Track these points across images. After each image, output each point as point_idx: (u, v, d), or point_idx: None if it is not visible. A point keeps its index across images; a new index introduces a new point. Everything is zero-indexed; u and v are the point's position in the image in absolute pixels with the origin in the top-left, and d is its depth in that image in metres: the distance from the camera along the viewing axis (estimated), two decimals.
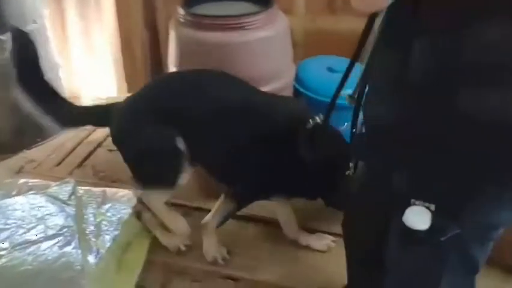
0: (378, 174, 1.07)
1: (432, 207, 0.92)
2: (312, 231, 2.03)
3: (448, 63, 0.85)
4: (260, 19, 1.89)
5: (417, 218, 0.92)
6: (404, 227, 0.93)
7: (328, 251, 1.97)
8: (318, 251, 1.97)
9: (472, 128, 0.85)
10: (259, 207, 2.00)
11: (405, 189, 0.96)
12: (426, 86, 0.89)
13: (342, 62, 2.40)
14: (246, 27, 1.87)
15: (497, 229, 1.01)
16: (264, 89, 1.96)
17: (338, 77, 2.24)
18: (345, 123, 1.71)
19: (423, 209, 0.92)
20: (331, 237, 2.00)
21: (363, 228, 1.20)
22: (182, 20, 1.98)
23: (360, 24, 3.29)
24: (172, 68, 2.09)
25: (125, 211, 1.98)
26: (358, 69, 2.39)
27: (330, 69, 2.31)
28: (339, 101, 1.35)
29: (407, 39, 0.89)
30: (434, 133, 0.90)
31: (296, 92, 2.25)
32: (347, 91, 2.12)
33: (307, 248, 1.98)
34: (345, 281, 1.56)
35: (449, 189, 0.91)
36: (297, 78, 2.27)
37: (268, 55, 1.96)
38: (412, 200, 0.94)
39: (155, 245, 1.97)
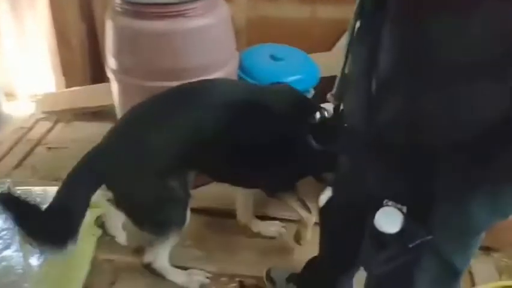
0: (356, 171, 1.05)
1: (404, 209, 0.88)
2: (260, 218, 2.04)
3: (413, 57, 0.80)
4: (200, 6, 1.86)
5: (388, 220, 0.88)
6: (375, 228, 0.89)
7: (278, 237, 2.00)
8: (267, 237, 1.99)
9: (437, 129, 0.82)
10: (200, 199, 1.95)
11: (379, 188, 0.93)
12: (393, 82, 0.85)
13: (285, 50, 2.44)
14: (186, 15, 1.83)
15: (474, 235, 0.96)
16: (210, 77, 1.93)
17: (281, 64, 2.31)
18: None
19: (395, 210, 0.88)
20: (281, 223, 2.02)
21: (338, 221, 1.21)
22: (119, 9, 1.91)
23: (300, 11, 3.36)
24: (111, 59, 2.02)
25: None
26: (301, 56, 2.44)
27: (273, 57, 2.32)
28: None
29: (376, 30, 0.84)
30: (401, 134, 0.86)
31: (240, 79, 2.24)
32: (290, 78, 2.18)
33: (256, 235, 1.99)
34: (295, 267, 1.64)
35: (418, 191, 0.88)
36: (241, 67, 2.26)
37: (210, 44, 1.92)
38: (385, 201, 0.90)
39: (102, 243, 1.91)
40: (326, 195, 2.11)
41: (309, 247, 1.87)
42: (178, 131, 1.54)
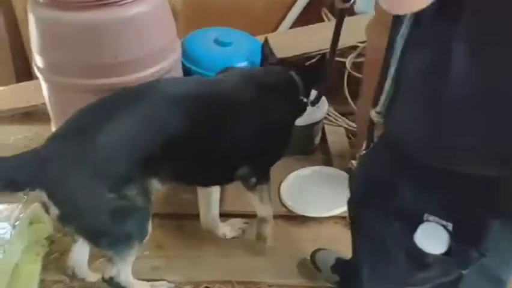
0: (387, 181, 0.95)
1: (450, 226, 0.80)
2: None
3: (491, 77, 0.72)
4: None
5: (432, 238, 0.79)
6: (414, 247, 0.81)
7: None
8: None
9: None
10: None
11: (419, 202, 0.83)
12: (466, 100, 0.75)
13: (230, 34, 2.29)
14: (119, 3, 1.63)
15: None
16: (152, 70, 1.78)
17: (226, 50, 2.16)
18: None
19: (439, 227, 0.79)
20: (242, 220, 1.92)
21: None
22: (41, 0, 1.68)
23: None
24: (37, 57, 1.79)
25: (5, 230, 1.69)
26: (248, 39, 2.31)
27: (219, 42, 2.17)
28: None
29: (445, 43, 0.75)
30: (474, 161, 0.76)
31: (185, 68, 2.08)
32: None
33: (216, 236, 1.89)
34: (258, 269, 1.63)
35: (472, 207, 0.79)
36: (185, 55, 2.09)
37: (147, 32, 1.74)
38: (426, 215, 0.81)
39: (48, 262, 1.74)
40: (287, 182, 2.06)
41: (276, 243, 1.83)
42: (131, 132, 1.37)
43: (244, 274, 1.75)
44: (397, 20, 0.84)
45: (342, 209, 1.92)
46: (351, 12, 2.48)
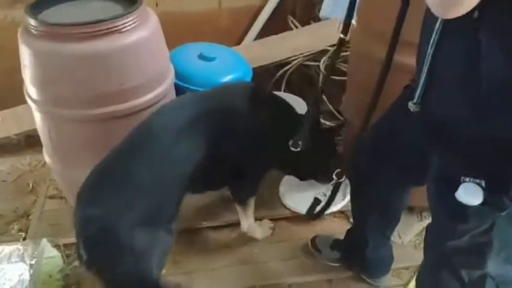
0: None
1: (483, 183, 0.99)
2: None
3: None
4: (134, 19, 1.68)
5: (470, 194, 0.99)
6: (456, 204, 1.01)
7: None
8: None
9: None
10: None
11: (456, 168, 1.03)
12: (496, 86, 0.93)
13: (212, 48, 2.35)
14: (121, 30, 1.64)
15: None
16: (151, 95, 1.80)
17: (211, 64, 2.22)
18: None
19: (475, 185, 0.99)
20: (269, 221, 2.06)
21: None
22: (34, 31, 1.64)
23: (203, 5, 3.29)
24: (32, 89, 1.74)
25: (22, 271, 1.65)
26: (230, 53, 2.37)
27: (202, 57, 2.22)
28: None
29: (473, 31, 0.90)
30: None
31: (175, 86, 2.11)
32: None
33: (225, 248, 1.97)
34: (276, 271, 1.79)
35: (498, 167, 0.99)
36: None
37: (149, 57, 1.76)
38: (462, 177, 1.01)
39: None
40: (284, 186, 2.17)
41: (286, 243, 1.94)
42: (162, 174, 1.43)
43: (264, 277, 1.85)
44: (429, 23, 1.00)
45: (340, 204, 2.07)
46: (317, 18, 2.65)
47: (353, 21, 1.47)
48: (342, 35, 1.48)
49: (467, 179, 1.01)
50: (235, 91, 1.76)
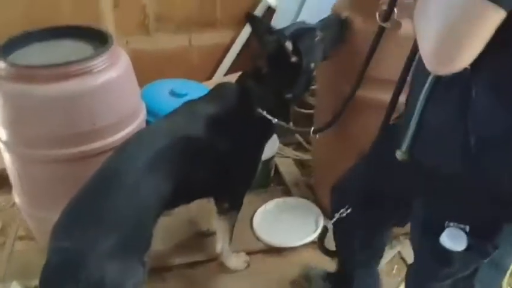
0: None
1: (467, 228, 1.01)
2: None
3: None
4: (105, 59, 1.71)
5: (454, 239, 1.02)
6: (440, 248, 1.03)
7: None
8: None
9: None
10: None
11: (440, 213, 1.05)
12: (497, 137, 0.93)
13: (183, 85, 2.40)
14: (93, 71, 1.66)
15: None
16: (123, 133, 1.80)
17: (183, 100, 2.24)
18: None
19: (459, 230, 1.02)
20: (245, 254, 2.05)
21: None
22: (4, 73, 1.65)
23: (175, 42, 3.35)
24: (0, 129, 1.74)
25: None
26: (201, 89, 2.42)
27: (173, 93, 2.26)
28: None
29: (465, 83, 0.91)
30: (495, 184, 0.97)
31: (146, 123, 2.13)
32: None
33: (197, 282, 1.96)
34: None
35: (483, 214, 1.01)
36: None
37: (121, 96, 1.78)
38: (447, 222, 1.03)
39: None
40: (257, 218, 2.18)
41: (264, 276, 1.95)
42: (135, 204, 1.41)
43: None
44: (422, 75, 1.00)
45: (313, 235, 2.10)
46: None
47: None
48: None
49: (452, 224, 1.03)
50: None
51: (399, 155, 1.09)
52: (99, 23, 2.59)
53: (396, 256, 2.09)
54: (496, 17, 0.75)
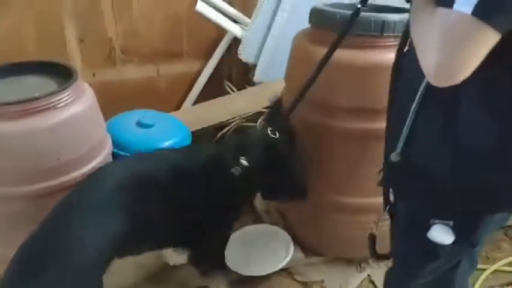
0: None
1: (451, 223, 1.09)
2: None
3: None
4: (70, 94, 1.72)
5: (441, 234, 1.09)
6: (428, 244, 1.10)
7: None
8: None
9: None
10: None
11: (425, 211, 1.12)
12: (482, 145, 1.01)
13: (150, 115, 2.41)
14: (56, 107, 1.67)
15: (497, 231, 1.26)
16: (88, 167, 1.80)
17: (152, 131, 2.27)
18: None
19: (444, 226, 1.09)
20: None
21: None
22: None
23: (141, 73, 3.37)
24: None
25: None
26: (168, 119, 2.43)
27: (140, 124, 2.27)
28: None
29: (454, 94, 0.97)
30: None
31: (114, 155, 2.13)
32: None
33: None
34: None
35: (467, 211, 1.09)
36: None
37: (85, 129, 1.79)
38: (432, 220, 1.10)
39: None
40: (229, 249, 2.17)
41: None
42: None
43: None
44: (411, 83, 1.08)
45: (284, 261, 2.11)
46: (251, 82, 2.79)
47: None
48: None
49: (436, 221, 1.10)
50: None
51: (393, 157, 1.15)
52: (65, 57, 2.60)
53: (366, 280, 2.11)
54: (495, 39, 0.83)
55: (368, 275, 2.12)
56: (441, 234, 1.09)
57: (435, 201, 1.11)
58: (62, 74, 1.85)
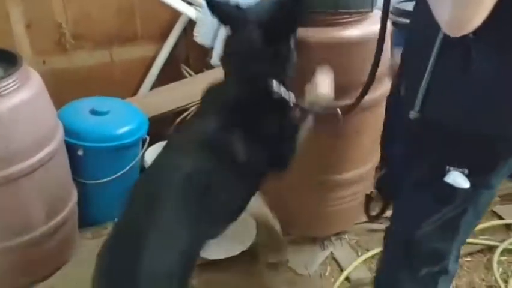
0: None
1: (466, 170, 1.16)
2: None
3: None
4: (14, 81, 1.63)
5: (459, 179, 1.16)
6: (445, 188, 1.17)
7: None
8: None
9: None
10: None
11: (441, 161, 1.19)
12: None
13: (104, 102, 2.33)
14: (1, 93, 1.59)
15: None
16: (39, 155, 1.73)
17: (107, 118, 2.19)
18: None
19: (460, 173, 1.17)
20: None
21: None
22: None
23: (94, 59, 3.27)
24: None
25: None
26: (123, 105, 2.36)
27: (94, 112, 2.19)
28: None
29: (466, 44, 1.04)
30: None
31: (67, 144, 2.04)
32: None
33: None
34: None
35: (480, 158, 1.17)
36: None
37: (34, 117, 1.71)
38: (447, 167, 1.17)
39: None
40: None
41: None
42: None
43: None
44: (427, 37, 1.12)
45: (248, 243, 2.10)
46: (209, 65, 2.74)
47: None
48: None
49: (452, 168, 1.17)
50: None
51: (412, 114, 1.20)
52: (13, 44, 2.47)
53: (329, 257, 2.13)
54: None
55: (331, 252, 2.15)
56: (458, 179, 1.16)
57: (451, 151, 1.18)
58: (6, 60, 1.75)
